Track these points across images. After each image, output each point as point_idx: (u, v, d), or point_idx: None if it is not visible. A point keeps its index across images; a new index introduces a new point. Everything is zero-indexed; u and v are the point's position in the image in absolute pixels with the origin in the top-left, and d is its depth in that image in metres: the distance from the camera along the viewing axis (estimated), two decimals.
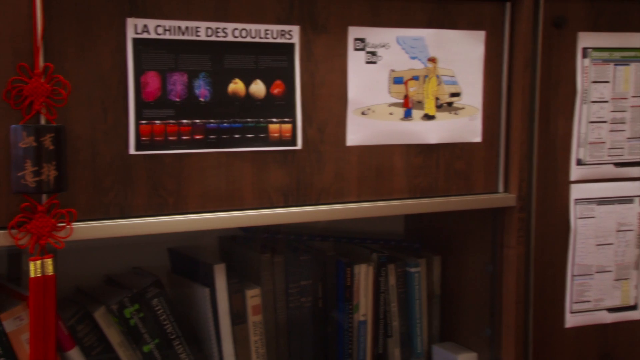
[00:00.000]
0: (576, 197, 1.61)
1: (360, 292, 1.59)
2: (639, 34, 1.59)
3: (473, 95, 1.47)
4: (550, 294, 1.60)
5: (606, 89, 1.59)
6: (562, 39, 1.54)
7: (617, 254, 1.64)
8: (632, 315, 1.67)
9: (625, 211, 1.64)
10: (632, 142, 1.63)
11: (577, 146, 1.59)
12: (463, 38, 1.44)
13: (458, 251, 1.67)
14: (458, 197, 1.48)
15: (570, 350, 1.62)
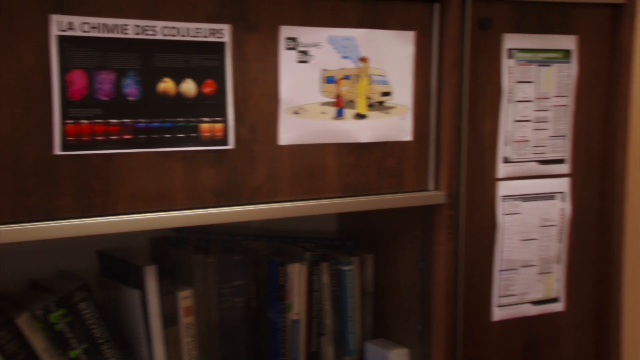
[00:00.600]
0: (503, 194, 1.65)
1: (294, 291, 1.59)
2: (559, 36, 1.65)
3: (403, 95, 1.49)
4: (478, 289, 1.64)
5: (530, 89, 1.65)
6: (488, 40, 1.58)
7: (540, 248, 1.70)
8: (554, 307, 1.73)
9: (548, 207, 1.70)
10: (554, 140, 1.69)
11: (504, 144, 1.64)
12: (393, 38, 1.45)
13: (390, 249, 1.69)
14: (389, 195, 1.49)
15: (496, 343, 1.67)
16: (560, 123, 1.69)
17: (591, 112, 1.72)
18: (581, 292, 1.76)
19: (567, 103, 1.69)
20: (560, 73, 1.67)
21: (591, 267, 1.77)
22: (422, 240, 1.60)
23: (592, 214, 1.75)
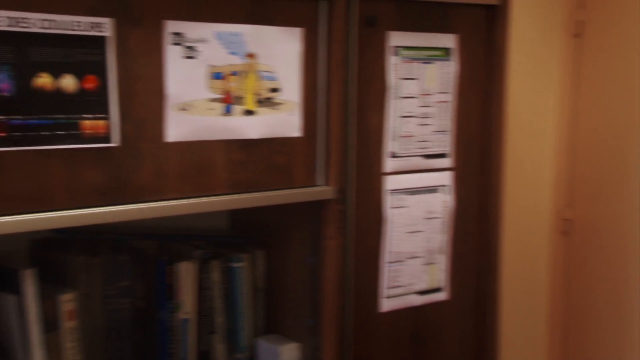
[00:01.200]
0: (390, 188, 1.70)
1: (183, 290, 1.57)
2: (440, 35, 1.71)
3: (292, 91, 1.49)
4: (367, 281, 1.68)
5: (414, 86, 1.70)
6: (374, 38, 1.61)
7: (425, 240, 1.76)
8: (438, 296, 1.80)
9: (433, 200, 1.76)
10: (437, 135, 1.75)
11: (390, 140, 1.68)
12: (281, 34, 1.45)
13: (281, 244, 1.70)
14: (279, 191, 1.50)
15: (385, 333, 1.72)
16: (443, 118, 1.75)
17: (471, 108, 1.80)
18: (463, 281, 1.84)
19: (448, 99, 1.75)
20: (441, 70, 1.73)
21: (472, 257, 1.85)
22: (312, 235, 1.62)
23: (473, 206, 1.83)
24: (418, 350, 1.77)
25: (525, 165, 2.21)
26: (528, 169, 2.22)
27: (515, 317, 2.22)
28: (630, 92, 1.98)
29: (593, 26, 2.09)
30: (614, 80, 2.04)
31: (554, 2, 2.15)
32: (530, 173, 2.23)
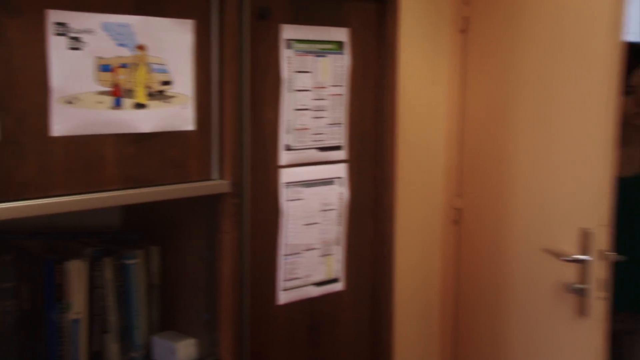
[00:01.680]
0: (285, 180, 1.70)
1: (73, 289, 1.51)
2: (332, 28, 1.73)
3: (184, 84, 1.47)
4: (264, 275, 1.68)
5: (308, 79, 1.71)
6: (267, 31, 1.61)
7: (322, 232, 1.78)
8: (335, 287, 1.83)
9: (328, 192, 1.79)
10: (332, 128, 1.78)
11: (285, 132, 1.69)
12: (171, 26, 1.43)
13: (176, 240, 1.67)
14: (173, 185, 1.47)
15: (282, 325, 1.73)
16: (337, 111, 1.78)
17: (364, 101, 1.83)
18: (359, 271, 1.87)
19: (342, 92, 1.78)
20: (335, 64, 1.75)
21: (367, 248, 1.89)
22: (208, 229, 1.60)
23: (367, 197, 1.87)
24: (315, 340, 1.79)
25: (417, 156, 2.27)
26: (420, 161, 2.29)
27: (409, 306, 2.28)
28: (509, 86, 2.08)
29: (476, 22, 2.18)
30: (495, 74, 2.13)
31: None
32: (423, 164, 2.30)
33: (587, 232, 1.71)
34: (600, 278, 1.71)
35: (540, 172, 2.00)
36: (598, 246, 1.71)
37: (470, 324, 2.26)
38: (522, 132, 2.04)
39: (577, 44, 1.89)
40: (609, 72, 1.77)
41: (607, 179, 1.73)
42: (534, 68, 2.00)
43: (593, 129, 1.79)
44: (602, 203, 1.72)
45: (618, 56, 1.75)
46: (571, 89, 1.90)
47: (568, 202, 1.87)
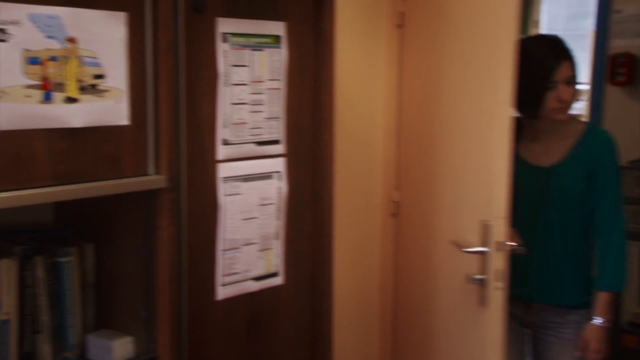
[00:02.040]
0: (223, 175, 1.69)
1: (2, 289, 1.46)
2: (269, 22, 1.72)
3: (118, 78, 1.44)
4: (202, 270, 1.67)
5: (245, 73, 1.70)
6: (202, 24, 1.59)
7: (260, 226, 1.78)
8: (274, 281, 1.83)
9: (267, 186, 1.78)
10: (269, 122, 1.77)
11: (222, 127, 1.68)
12: (103, 19, 1.40)
13: (112, 236, 1.64)
14: (107, 181, 1.44)
15: (221, 321, 1.72)
16: (274, 105, 1.77)
17: (301, 95, 1.83)
18: (298, 265, 1.88)
19: (279, 86, 1.77)
20: (272, 58, 1.75)
21: (306, 241, 1.89)
22: (144, 225, 1.57)
23: (306, 191, 1.88)
24: (255, 335, 1.79)
25: (356, 150, 2.29)
26: (359, 154, 2.31)
27: (349, 298, 2.30)
28: (436, 81, 2.11)
29: (411, 17, 2.21)
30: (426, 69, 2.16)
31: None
32: (361, 158, 2.32)
33: (485, 224, 1.74)
34: (498, 269, 1.74)
35: (455, 166, 2.04)
36: (496, 238, 1.74)
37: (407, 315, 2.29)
38: (444, 126, 2.07)
39: (480, 43, 1.92)
40: (504, 72, 1.78)
41: (504, 173, 1.74)
42: (454, 64, 2.03)
43: (491, 125, 1.82)
44: (499, 196, 1.74)
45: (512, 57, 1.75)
46: (475, 86, 1.93)
47: (474, 195, 1.91)
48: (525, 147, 2.07)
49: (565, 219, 2.02)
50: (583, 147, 2.02)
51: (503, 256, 1.76)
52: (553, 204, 2.02)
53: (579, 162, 2.02)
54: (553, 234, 2.03)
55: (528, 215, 2.04)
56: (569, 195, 2.01)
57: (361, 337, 2.39)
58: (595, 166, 2.01)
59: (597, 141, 2.03)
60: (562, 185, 2.02)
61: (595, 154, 2.01)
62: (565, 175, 2.02)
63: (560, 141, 2.04)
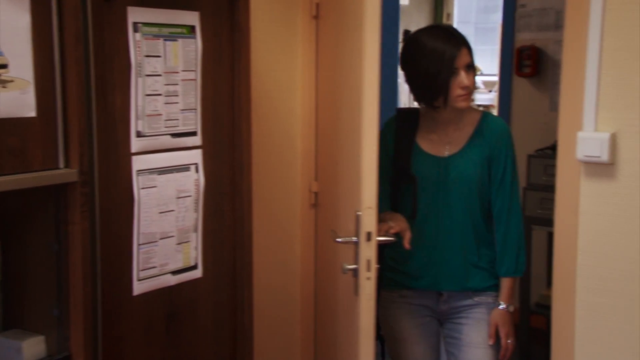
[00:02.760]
0: (138, 168, 1.66)
1: None
2: (182, 12, 1.70)
3: (23, 68, 1.39)
4: (118, 265, 1.63)
5: (159, 63, 1.67)
6: (112, 13, 1.55)
7: (178, 219, 1.75)
8: (193, 274, 1.81)
9: (184, 179, 1.76)
10: (185, 114, 1.75)
11: (136, 119, 1.64)
12: (5, 5, 1.34)
13: (21, 233, 1.58)
14: (13, 176, 1.39)
15: (138, 316, 1.68)
16: (190, 97, 1.75)
17: (218, 86, 1.82)
18: (217, 257, 1.86)
19: (195, 77, 1.75)
20: (186, 48, 1.72)
21: (226, 233, 1.88)
22: (55, 221, 1.53)
23: (224, 182, 1.86)
24: (174, 329, 1.76)
25: (274, 141, 2.29)
26: (278, 145, 2.31)
27: (270, 289, 2.30)
28: (342, 72, 2.10)
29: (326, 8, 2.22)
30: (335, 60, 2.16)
31: None
32: (280, 149, 2.32)
33: (356, 215, 1.76)
34: (368, 259, 1.75)
35: (343, 157, 2.04)
36: (365, 228, 1.75)
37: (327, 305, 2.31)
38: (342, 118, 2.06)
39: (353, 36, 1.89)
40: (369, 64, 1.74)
41: (372, 164, 1.74)
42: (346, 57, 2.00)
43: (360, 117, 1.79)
44: (367, 187, 1.74)
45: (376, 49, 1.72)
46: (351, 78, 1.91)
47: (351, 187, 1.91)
48: (424, 138, 2.06)
49: (467, 207, 2.03)
50: (479, 135, 2.03)
51: (372, 246, 1.76)
52: (454, 193, 2.02)
53: (476, 150, 2.02)
54: (456, 223, 2.03)
55: (432, 205, 2.04)
56: (469, 183, 2.02)
57: (282, 328, 2.39)
58: (492, 154, 2.01)
59: (491, 129, 2.03)
60: (461, 174, 2.02)
61: (490, 142, 2.02)
62: (464, 165, 2.02)
63: (458, 131, 2.04)
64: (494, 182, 2.03)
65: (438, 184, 2.03)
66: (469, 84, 1.96)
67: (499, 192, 2.03)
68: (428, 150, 2.06)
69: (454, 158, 2.03)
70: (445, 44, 1.95)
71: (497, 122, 2.08)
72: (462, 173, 2.02)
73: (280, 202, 2.34)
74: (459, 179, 2.02)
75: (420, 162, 2.04)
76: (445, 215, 2.04)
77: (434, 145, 2.06)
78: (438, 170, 2.03)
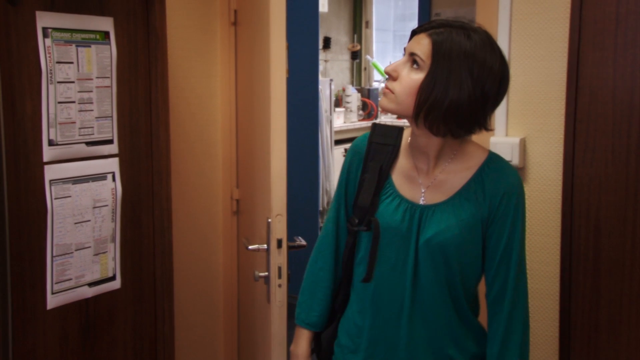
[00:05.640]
0: (51, 177, 1.61)
1: None
2: (95, 17, 1.66)
3: None
4: (30, 279, 1.57)
5: (71, 70, 1.62)
6: (19, 18, 1.50)
7: (94, 229, 1.71)
8: (111, 286, 1.76)
9: (100, 188, 1.72)
10: (100, 122, 1.70)
11: (48, 127, 1.59)
12: None
13: None
14: None
15: (52, 331, 1.63)
16: (105, 104, 1.71)
17: (134, 93, 1.78)
18: (137, 267, 1.82)
19: (110, 84, 1.71)
20: (100, 54, 1.68)
21: (145, 242, 1.84)
22: None
23: (143, 190, 1.83)
24: (90, 342, 1.71)
25: (195, 149, 2.26)
26: (198, 153, 2.28)
27: (192, 298, 2.27)
28: (255, 77, 2.10)
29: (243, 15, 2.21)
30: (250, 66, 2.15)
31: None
32: (201, 156, 2.29)
33: (267, 222, 1.77)
34: (279, 266, 1.75)
35: (256, 163, 2.03)
36: (276, 235, 1.76)
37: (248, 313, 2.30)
38: (255, 125, 2.06)
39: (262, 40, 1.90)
40: (277, 69, 1.74)
41: (281, 171, 1.74)
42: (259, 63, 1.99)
43: (268, 122, 1.80)
44: (277, 194, 1.75)
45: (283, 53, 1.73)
46: (261, 84, 1.92)
47: (263, 193, 1.91)
48: (401, 172, 1.46)
49: (444, 279, 1.41)
50: (477, 185, 1.41)
51: (283, 253, 1.77)
52: (427, 258, 1.41)
53: (469, 206, 1.40)
54: (428, 298, 1.42)
55: (395, 268, 1.43)
56: (447, 249, 1.39)
57: (205, 338, 2.36)
58: (492, 216, 1.40)
59: (496, 180, 1.41)
60: (438, 235, 1.39)
61: (492, 198, 1.40)
62: (445, 222, 1.40)
63: (448, 172, 1.43)
64: (491, 256, 1.42)
65: (407, 239, 1.42)
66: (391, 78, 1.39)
67: (498, 272, 1.41)
68: (402, 191, 1.45)
69: (434, 210, 1.42)
70: None
71: (505, 172, 1.42)
72: (439, 234, 1.40)
73: (201, 209, 2.31)
74: (434, 241, 1.40)
75: (388, 204, 1.45)
76: (413, 285, 1.43)
77: (411, 185, 1.45)
78: (409, 222, 1.42)
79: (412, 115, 1.36)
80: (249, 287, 2.20)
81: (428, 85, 1.33)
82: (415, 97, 1.34)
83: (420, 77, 1.34)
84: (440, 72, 1.32)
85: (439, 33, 1.35)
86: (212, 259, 2.36)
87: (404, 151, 1.49)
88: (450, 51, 1.32)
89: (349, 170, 1.52)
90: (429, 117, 1.35)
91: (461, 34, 1.34)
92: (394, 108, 1.38)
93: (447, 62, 1.32)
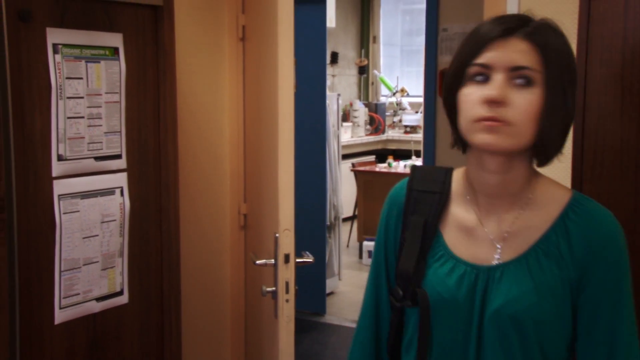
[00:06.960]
0: (60, 192, 1.61)
1: None
2: (105, 33, 1.67)
3: None
4: (38, 293, 1.58)
5: (81, 85, 1.64)
6: (30, 34, 1.52)
7: (102, 244, 1.71)
8: (119, 300, 1.76)
9: (108, 203, 1.72)
10: (109, 137, 1.71)
11: (57, 142, 1.60)
12: None
13: None
14: None
15: (59, 346, 1.63)
16: (114, 119, 1.72)
17: (143, 108, 1.79)
18: (144, 282, 1.82)
19: (118, 99, 1.72)
20: (109, 70, 1.69)
21: (153, 256, 1.85)
22: None
23: (151, 205, 1.83)
24: (96, 357, 1.71)
25: (202, 163, 2.27)
26: (206, 167, 2.29)
27: (199, 313, 2.27)
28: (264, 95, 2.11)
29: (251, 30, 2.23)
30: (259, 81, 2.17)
31: (219, 6, 2.24)
32: (209, 171, 2.30)
33: (275, 237, 1.77)
34: (286, 281, 1.75)
35: (264, 178, 2.03)
36: (283, 250, 1.76)
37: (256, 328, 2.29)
38: (263, 140, 2.06)
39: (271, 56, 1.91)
40: (285, 84, 1.73)
41: (289, 185, 1.75)
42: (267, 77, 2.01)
43: (276, 137, 1.81)
44: (285, 208, 1.75)
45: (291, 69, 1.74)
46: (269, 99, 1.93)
47: (271, 208, 1.91)
48: (455, 226, 1.13)
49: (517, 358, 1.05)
50: (561, 236, 1.07)
51: (291, 268, 1.76)
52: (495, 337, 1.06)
53: (550, 265, 1.06)
54: None
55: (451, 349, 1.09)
56: (525, 325, 1.04)
57: (212, 353, 2.36)
58: (584, 277, 1.06)
59: (586, 228, 1.06)
60: (512, 306, 1.05)
61: (583, 252, 1.05)
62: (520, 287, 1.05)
63: (524, 219, 1.09)
64: (586, 334, 1.07)
65: (466, 313, 1.08)
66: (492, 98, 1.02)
67: (597, 352, 1.06)
68: (456, 250, 1.11)
69: (502, 271, 1.08)
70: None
71: (598, 217, 1.07)
72: (511, 303, 1.05)
73: (209, 224, 2.31)
74: (505, 313, 1.05)
75: (437, 269, 1.11)
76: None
77: (470, 242, 1.11)
78: (468, 289, 1.08)
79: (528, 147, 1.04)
80: (257, 302, 2.20)
81: (553, 105, 1.02)
82: (538, 123, 1.02)
83: (536, 97, 1.01)
84: (557, 84, 1.03)
85: (535, 33, 1.03)
86: (219, 273, 2.36)
87: (457, 198, 1.14)
88: (559, 54, 1.04)
89: (386, 228, 1.18)
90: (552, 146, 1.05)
91: (550, 29, 1.05)
92: (515, 144, 1.02)
93: (558, 69, 1.03)
